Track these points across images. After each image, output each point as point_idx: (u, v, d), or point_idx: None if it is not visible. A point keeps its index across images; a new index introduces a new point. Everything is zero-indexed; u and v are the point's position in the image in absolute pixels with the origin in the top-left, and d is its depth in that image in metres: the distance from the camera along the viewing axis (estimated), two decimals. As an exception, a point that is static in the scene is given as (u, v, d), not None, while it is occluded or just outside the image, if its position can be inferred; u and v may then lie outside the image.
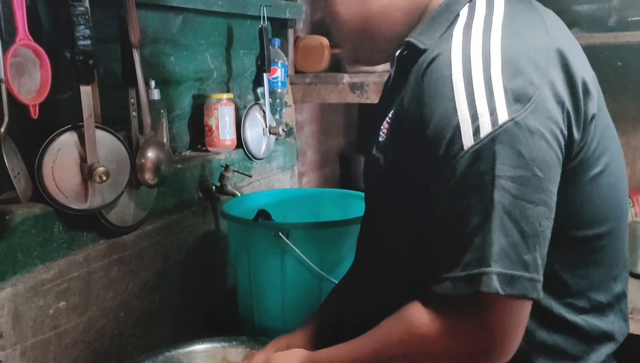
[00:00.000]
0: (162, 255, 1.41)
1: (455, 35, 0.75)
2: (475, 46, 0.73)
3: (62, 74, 1.15)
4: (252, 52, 1.89)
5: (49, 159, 1.10)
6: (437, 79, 0.73)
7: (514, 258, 0.69)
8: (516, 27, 0.75)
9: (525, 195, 0.69)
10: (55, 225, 1.13)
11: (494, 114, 0.69)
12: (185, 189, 1.52)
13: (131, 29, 1.23)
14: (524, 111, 0.69)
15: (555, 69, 0.73)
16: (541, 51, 0.74)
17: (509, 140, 0.69)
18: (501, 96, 0.70)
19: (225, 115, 1.67)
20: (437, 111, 0.72)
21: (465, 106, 0.70)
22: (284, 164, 2.02)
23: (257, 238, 1.37)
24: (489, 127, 0.69)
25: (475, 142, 0.70)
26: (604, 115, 0.83)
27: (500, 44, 0.72)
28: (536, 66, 0.72)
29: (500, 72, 0.70)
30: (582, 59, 0.81)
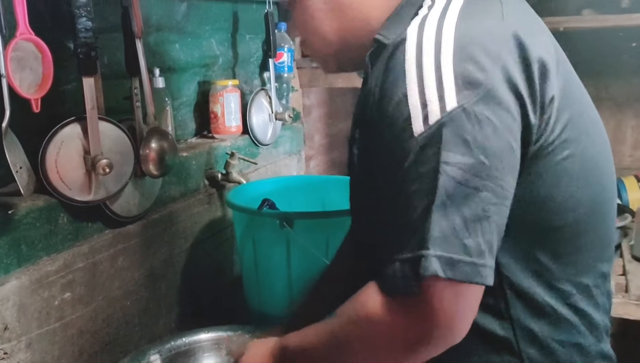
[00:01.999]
0: (167, 243, 1.41)
1: (412, 24, 0.76)
2: (428, 33, 0.73)
3: (65, 66, 1.15)
4: (259, 36, 1.87)
5: (53, 151, 1.11)
6: (392, 68, 0.74)
7: (454, 242, 0.69)
8: (471, 13, 0.75)
9: (469, 181, 0.69)
10: (60, 217, 1.14)
11: (442, 101, 0.70)
12: (191, 177, 1.52)
13: (134, 19, 1.22)
14: (473, 97, 0.69)
15: (509, 53, 0.72)
16: (494, 36, 0.73)
17: (456, 127, 0.69)
18: (451, 83, 0.70)
19: (231, 102, 1.67)
20: (392, 100, 0.73)
21: (416, 93, 0.71)
22: (290, 149, 2.02)
23: (261, 227, 1.37)
24: (438, 114, 0.70)
25: (424, 129, 0.70)
26: (575, 97, 0.81)
27: (453, 30, 0.72)
28: (488, 51, 0.71)
29: (451, 58, 0.70)
30: (543, 41, 0.78)
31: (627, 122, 2.36)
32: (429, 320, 0.71)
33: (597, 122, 0.86)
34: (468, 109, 0.69)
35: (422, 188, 0.70)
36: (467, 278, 0.69)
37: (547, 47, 0.77)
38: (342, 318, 0.81)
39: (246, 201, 1.49)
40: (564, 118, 0.77)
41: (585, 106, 0.84)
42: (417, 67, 0.71)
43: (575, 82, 0.83)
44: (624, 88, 2.31)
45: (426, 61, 0.71)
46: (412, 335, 0.73)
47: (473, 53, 0.70)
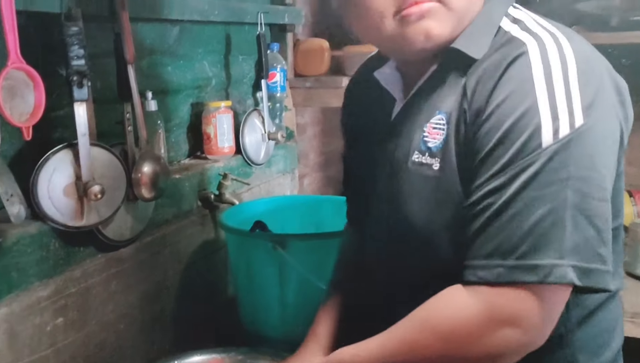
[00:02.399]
0: (161, 266, 1.42)
1: (525, 39, 0.80)
2: (551, 49, 0.78)
3: (57, 92, 1.16)
4: (252, 57, 1.88)
5: (44, 178, 1.11)
6: (518, 78, 0.77)
7: (590, 252, 0.74)
8: (573, 36, 0.81)
9: (593, 194, 0.75)
10: (52, 243, 1.14)
11: (572, 117, 0.74)
12: (184, 199, 1.53)
13: (126, 45, 1.23)
14: (596, 116, 0.75)
15: (607, 77, 0.79)
16: (598, 61, 0.80)
17: (584, 143, 0.74)
18: (577, 100, 0.75)
19: (224, 123, 1.68)
20: (518, 107, 0.76)
21: (546, 106, 0.75)
22: (284, 168, 2.02)
23: (254, 248, 1.38)
24: (568, 129, 0.74)
25: (554, 141, 0.74)
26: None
27: (571, 50, 0.78)
28: (599, 75, 0.78)
29: (576, 77, 0.76)
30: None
31: (620, 138, 2.37)
32: (538, 327, 0.77)
33: None
34: (593, 127, 0.75)
35: (548, 197, 0.74)
36: (603, 285, 0.76)
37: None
38: (419, 325, 0.84)
39: (240, 222, 1.49)
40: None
41: None
42: (546, 81, 0.76)
43: None
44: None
45: (555, 76, 0.76)
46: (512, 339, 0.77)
47: (592, 76, 0.77)
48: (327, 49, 2.11)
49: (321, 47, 2.11)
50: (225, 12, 1.65)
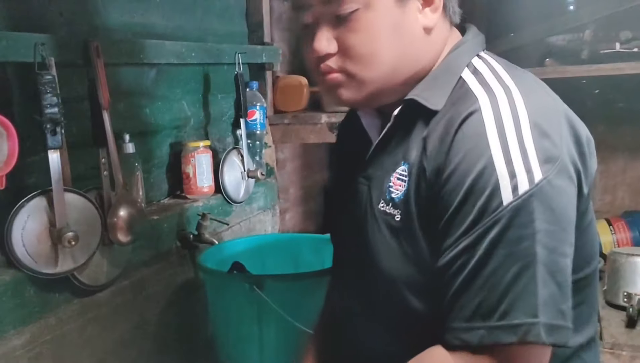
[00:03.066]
0: (138, 309, 1.41)
1: (479, 95, 0.80)
2: (503, 106, 0.78)
3: (31, 138, 1.17)
4: (230, 95, 1.90)
5: (18, 225, 1.12)
6: (471, 137, 0.77)
7: (554, 308, 0.74)
8: (529, 89, 0.81)
9: (557, 248, 0.75)
10: (27, 290, 1.14)
11: (530, 172, 0.74)
12: (163, 240, 1.53)
13: (100, 91, 1.24)
14: (553, 170, 0.75)
15: (565, 129, 0.79)
16: (555, 113, 0.80)
17: (544, 197, 0.74)
18: (534, 156, 0.75)
19: (203, 162, 1.69)
20: (474, 167, 0.76)
21: (502, 163, 0.75)
22: (264, 205, 2.03)
23: (232, 289, 1.38)
24: (527, 184, 0.74)
25: (514, 198, 0.74)
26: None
27: (523, 104, 0.78)
28: (555, 128, 0.78)
29: (529, 133, 0.76)
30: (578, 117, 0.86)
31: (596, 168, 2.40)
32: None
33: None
34: (552, 181, 0.75)
35: (517, 255, 0.74)
36: (564, 341, 0.75)
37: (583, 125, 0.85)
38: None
39: (218, 262, 1.50)
40: (586, 190, 0.84)
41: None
42: (500, 140, 0.76)
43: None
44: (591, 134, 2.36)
45: (509, 134, 0.76)
46: None
47: (547, 129, 0.77)
48: (306, 85, 2.13)
49: (300, 84, 2.13)
50: (203, 54, 1.67)
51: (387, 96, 0.89)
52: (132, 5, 1.49)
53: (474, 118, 0.78)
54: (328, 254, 1.52)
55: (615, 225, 2.14)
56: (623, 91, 2.21)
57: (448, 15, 0.90)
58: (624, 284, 1.78)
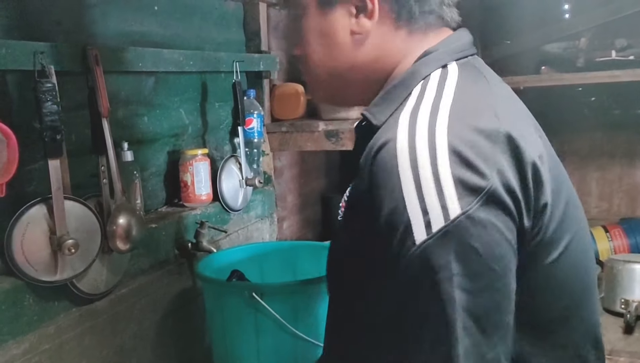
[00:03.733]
0: (137, 317, 1.41)
1: (401, 122, 0.73)
2: (420, 134, 0.70)
3: (31, 146, 1.17)
4: (228, 103, 1.90)
5: (18, 233, 1.11)
6: (384, 170, 0.71)
7: (477, 358, 0.67)
8: (463, 112, 0.73)
9: (482, 291, 0.67)
10: (26, 299, 1.14)
11: (445, 207, 0.67)
12: (161, 248, 1.53)
13: (100, 99, 1.24)
14: (475, 203, 0.67)
15: (504, 155, 0.70)
16: (489, 137, 0.71)
17: (462, 235, 0.66)
18: (451, 188, 0.67)
19: (201, 170, 1.69)
20: (386, 204, 0.70)
21: (414, 199, 0.67)
22: (262, 213, 2.03)
23: (231, 298, 1.38)
24: (441, 221, 0.66)
25: (427, 237, 0.67)
26: (562, 188, 0.79)
27: (446, 131, 0.70)
28: (484, 155, 0.69)
29: (447, 162, 0.68)
30: (533, 140, 0.77)
31: (592, 175, 2.42)
32: None
33: (578, 208, 0.84)
34: (472, 215, 0.67)
35: (432, 301, 0.67)
36: None
37: (538, 147, 0.75)
38: None
39: (216, 270, 1.49)
40: (556, 219, 0.75)
41: (570, 196, 0.82)
42: (412, 173, 0.68)
43: (559, 169, 0.82)
44: (586, 142, 2.39)
45: (422, 166, 0.68)
46: None
47: (470, 157, 0.68)
48: (303, 93, 2.14)
49: (297, 92, 2.13)
50: (201, 63, 1.67)
51: (347, 99, 0.91)
52: (130, 13, 1.50)
53: (387, 149, 0.71)
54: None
55: (612, 232, 2.15)
56: (619, 99, 2.23)
57: (404, 20, 0.84)
58: (621, 291, 1.79)
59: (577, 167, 2.40)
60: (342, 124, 1.99)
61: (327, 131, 2.00)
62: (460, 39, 0.86)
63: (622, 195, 2.36)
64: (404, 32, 0.85)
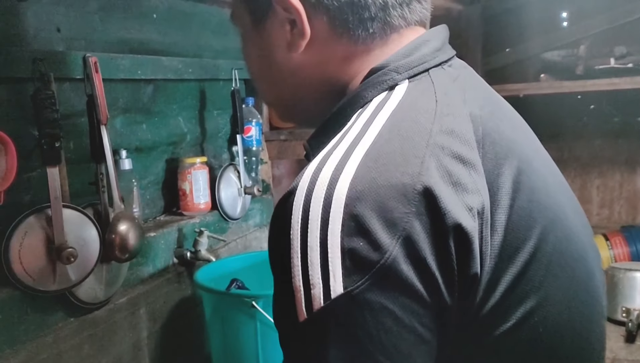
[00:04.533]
0: (135, 327, 1.39)
1: (308, 169, 0.60)
2: (319, 189, 0.57)
3: (29, 154, 1.16)
4: (226, 111, 1.90)
5: (16, 242, 1.10)
6: (277, 226, 0.60)
7: None
8: (379, 156, 0.58)
9: None
10: (23, 308, 1.12)
11: (327, 285, 0.55)
12: (160, 257, 1.52)
13: (98, 106, 1.23)
14: (364, 282, 0.54)
15: (417, 218, 0.56)
16: (401, 194, 0.56)
17: (343, 319, 0.55)
18: (337, 262, 0.55)
19: (199, 179, 1.68)
20: (274, 269, 0.60)
21: (299, 271, 0.56)
22: (260, 222, 2.02)
23: (230, 307, 1.36)
24: (321, 301, 0.55)
25: (307, 316, 0.56)
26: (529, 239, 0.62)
27: (347, 187, 0.56)
28: (386, 219, 0.55)
29: (339, 229, 0.55)
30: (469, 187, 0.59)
31: (593, 182, 2.42)
32: None
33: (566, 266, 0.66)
34: (357, 296, 0.54)
35: None
36: None
37: (474, 198, 0.59)
38: None
39: (215, 279, 1.48)
40: (505, 281, 0.60)
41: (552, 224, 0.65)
42: (301, 238, 0.56)
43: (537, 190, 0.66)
44: (586, 149, 2.38)
45: (312, 232, 0.56)
46: None
47: (366, 224, 0.55)
48: (302, 101, 2.13)
49: (296, 100, 2.13)
50: (200, 70, 1.67)
51: (311, 119, 0.78)
52: (128, 21, 1.49)
53: (287, 204, 0.59)
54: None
55: (613, 240, 2.14)
56: (619, 106, 2.23)
57: (340, 31, 0.70)
58: (622, 299, 1.78)
59: (577, 174, 2.39)
60: (341, 132, 1.98)
61: (326, 139, 1.99)
62: (419, 46, 0.70)
63: (622, 202, 2.35)
64: (345, 44, 0.71)
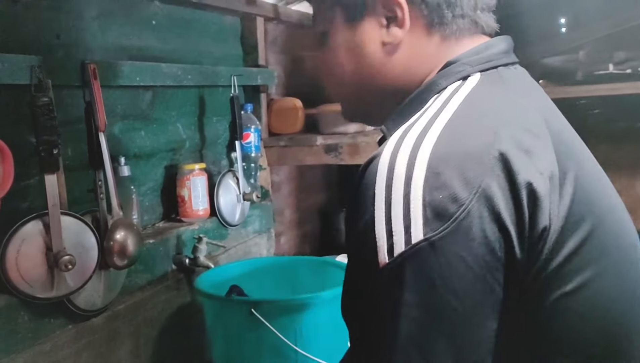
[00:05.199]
0: (134, 334, 1.39)
1: (392, 138, 0.68)
2: (403, 152, 0.65)
3: (26, 161, 1.15)
4: (225, 118, 1.89)
5: (13, 249, 1.09)
6: (362, 187, 0.67)
7: None
8: (458, 129, 0.67)
9: (434, 327, 0.61)
10: (20, 316, 1.12)
11: (408, 232, 0.61)
12: (158, 264, 1.51)
13: (97, 113, 1.23)
14: (442, 230, 0.61)
15: (493, 177, 0.63)
16: (477, 157, 0.63)
17: (421, 263, 0.61)
18: (419, 212, 0.61)
19: (198, 185, 1.67)
20: (359, 223, 0.66)
21: (382, 220, 0.63)
22: (260, 228, 2.01)
23: (231, 313, 1.36)
24: (402, 246, 0.61)
25: (388, 261, 0.62)
26: (592, 213, 0.69)
27: (429, 151, 0.64)
28: (465, 178, 0.62)
29: (421, 185, 0.62)
30: (543, 156, 0.67)
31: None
32: None
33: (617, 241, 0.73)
34: (436, 243, 0.61)
35: (382, 329, 0.63)
36: None
37: (544, 165, 0.66)
38: None
39: (215, 286, 1.48)
40: (568, 247, 0.65)
41: (603, 215, 0.71)
42: (386, 191, 0.63)
43: (594, 190, 0.72)
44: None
45: (396, 186, 0.63)
46: None
47: (447, 180, 0.62)
48: (301, 107, 2.13)
49: (295, 106, 2.13)
50: (199, 77, 1.66)
51: (380, 114, 0.84)
52: (128, 27, 1.49)
53: (371, 166, 0.67)
54: (326, 276, 1.52)
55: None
56: (623, 111, 2.23)
57: (436, 26, 0.79)
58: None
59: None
60: (341, 139, 1.98)
61: (326, 145, 1.99)
62: (490, 47, 0.80)
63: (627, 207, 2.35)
64: (437, 38, 0.80)
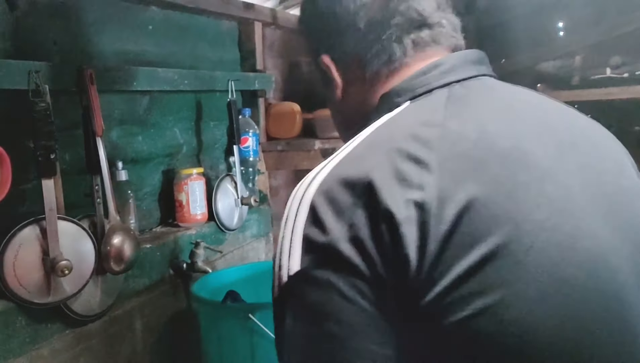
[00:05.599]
0: (131, 339, 1.39)
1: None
2: (300, 189, 0.69)
3: (24, 165, 1.16)
4: (223, 122, 1.90)
5: (10, 254, 1.09)
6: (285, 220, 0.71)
7: None
8: (349, 160, 0.69)
9: (317, 355, 0.64)
10: (18, 321, 1.12)
11: (289, 264, 0.66)
12: (156, 269, 1.51)
13: (94, 118, 1.23)
14: (313, 261, 0.65)
15: (361, 206, 0.64)
16: (351, 188, 0.65)
17: (299, 293, 0.65)
18: (298, 244, 0.66)
19: (196, 190, 1.67)
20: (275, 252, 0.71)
21: (278, 253, 0.68)
22: (257, 233, 2.01)
23: (226, 319, 1.36)
24: (285, 278, 0.66)
25: (278, 293, 0.67)
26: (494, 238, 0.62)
27: (318, 184, 0.67)
28: (337, 209, 0.65)
29: (303, 218, 0.66)
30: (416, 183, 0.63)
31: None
32: None
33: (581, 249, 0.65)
34: (308, 273, 0.65)
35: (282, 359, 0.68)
36: None
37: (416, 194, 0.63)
38: None
39: (212, 291, 1.48)
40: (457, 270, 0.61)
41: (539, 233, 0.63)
42: (286, 221, 0.68)
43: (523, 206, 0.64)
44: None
45: (288, 221, 0.68)
46: None
47: (322, 214, 0.65)
48: (299, 112, 2.13)
49: (292, 111, 2.13)
50: (196, 82, 1.67)
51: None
52: (125, 33, 1.49)
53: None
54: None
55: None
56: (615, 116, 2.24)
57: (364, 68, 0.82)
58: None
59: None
60: (338, 143, 1.97)
61: (323, 149, 1.99)
62: (429, 70, 0.78)
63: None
64: (370, 77, 0.83)
